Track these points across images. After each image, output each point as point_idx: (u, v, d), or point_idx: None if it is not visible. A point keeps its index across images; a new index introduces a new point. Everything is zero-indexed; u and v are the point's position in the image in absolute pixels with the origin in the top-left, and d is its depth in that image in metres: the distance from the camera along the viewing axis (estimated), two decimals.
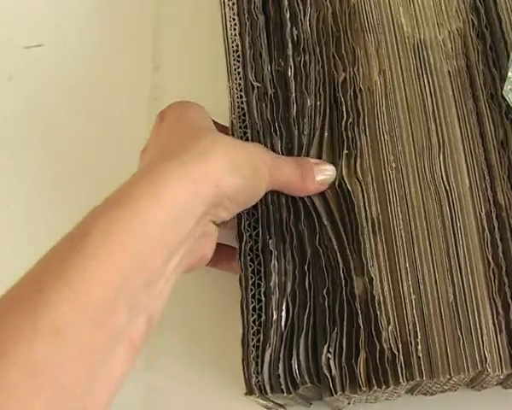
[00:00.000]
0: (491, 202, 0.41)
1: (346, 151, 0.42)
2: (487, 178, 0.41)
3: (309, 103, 0.43)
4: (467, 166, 0.41)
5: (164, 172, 0.33)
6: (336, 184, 0.41)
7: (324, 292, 0.39)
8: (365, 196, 0.41)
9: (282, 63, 0.44)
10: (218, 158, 0.35)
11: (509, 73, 0.42)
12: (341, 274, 0.39)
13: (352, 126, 0.42)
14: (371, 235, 0.40)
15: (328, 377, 0.38)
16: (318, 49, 0.44)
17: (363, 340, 0.38)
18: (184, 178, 0.33)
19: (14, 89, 0.52)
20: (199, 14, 0.46)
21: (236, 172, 0.36)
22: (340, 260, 0.40)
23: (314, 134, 0.42)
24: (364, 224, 0.40)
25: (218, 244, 0.41)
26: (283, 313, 0.39)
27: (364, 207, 0.41)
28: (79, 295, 0.29)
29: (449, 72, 0.44)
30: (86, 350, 0.29)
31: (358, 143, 0.42)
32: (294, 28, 0.44)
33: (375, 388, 0.38)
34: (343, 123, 0.42)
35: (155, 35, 0.51)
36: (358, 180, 0.41)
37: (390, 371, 0.38)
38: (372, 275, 0.39)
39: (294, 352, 0.38)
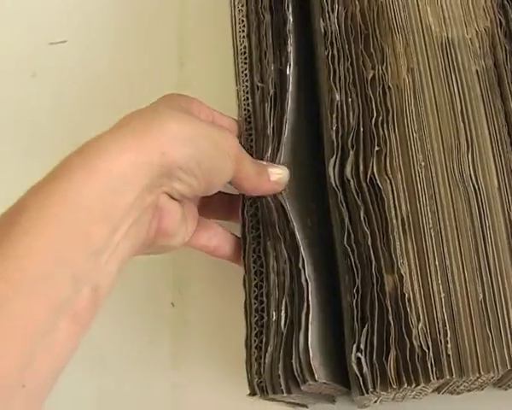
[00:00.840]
0: None
1: (377, 148, 0.42)
2: None
3: (338, 98, 0.43)
4: (495, 165, 0.41)
5: (100, 144, 0.33)
6: (367, 180, 0.41)
7: (354, 290, 0.39)
8: (395, 193, 0.41)
9: (284, 61, 0.44)
10: (166, 128, 0.35)
11: None
12: (373, 272, 0.39)
13: (381, 124, 0.42)
14: (401, 233, 0.40)
15: (359, 375, 0.38)
16: (347, 46, 0.44)
17: (393, 337, 0.38)
18: (122, 148, 0.33)
19: (38, 85, 0.52)
20: (224, 11, 0.46)
21: (188, 143, 0.36)
22: (372, 258, 0.40)
23: (348, 130, 0.42)
24: (394, 222, 0.40)
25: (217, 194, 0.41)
26: (282, 313, 0.40)
27: (394, 205, 0.41)
28: (13, 270, 0.29)
29: (477, 71, 0.44)
30: (22, 325, 0.29)
31: (388, 140, 0.42)
32: (321, 21, 0.45)
33: (405, 385, 0.38)
34: (373, 120, 0.42)
35: (180, 31, 0.51)
36: (388, 178, 0.41)
37: (420, 368, 0.38)
38: (402, 273, 0.39)
39: (295, 351, 0.38)
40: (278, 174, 0.41)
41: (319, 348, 0.39)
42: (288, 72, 0.44)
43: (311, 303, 0.39)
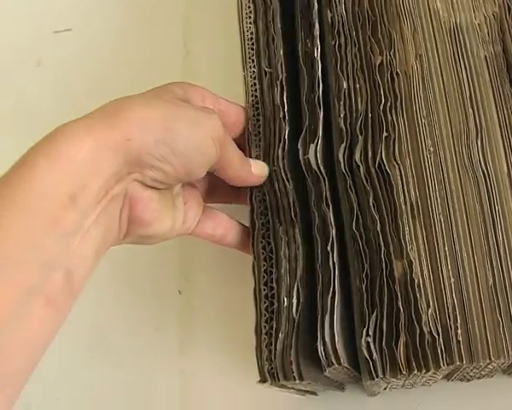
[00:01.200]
0: None
1: (385, 134, 0.41)
2: None
3: (345, 86, 0.43)
4: (505, 150, 0.41)
5: (67, 129, 0.33)
6: (376, 166, 0.41)
7: (363, 275, 0.39)
8: (404, 179, 0.41)
9: (309, 44, 0.44)
10: (133, 114, 0.34)
11: None
12: (382, 257, 0.39)
13: (390, 110, 0.42)
14: (410, 218, 0.40)
15: (369, 360, 0.38)
16: (354, 33, 0.44)
17: (402, 323, 0.38)
18: (86, 134, 0.33)
19: (43, 74, 0.52)
20: None
21: (158, 128, 0.35)
22: (381, 243, 0.39)
23: (356, 116, 0.42)
24: (403, 207, 0.40)
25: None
26: (294, 300, 0.39)
27: (403, 191, 0.40)
28: None
29: (485, 56, 0.43)
30: None
31: (396, 126, 0.42)
32: (328, 10, 0.44)
33: (416, 371, 0.37)
34: (381, 106, 0.42)
35: (186, 19, 0.51)
36: (397, 164, 0.41)
37: (430, 354, 0.37)
38: (411, 258, 0.39)
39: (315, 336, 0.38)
40: (261, 167, 0.42)
41: (341, 332, 0.39)
42: (315, 54, 0.44)
43: (337, 287, 0.39)
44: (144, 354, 0.39)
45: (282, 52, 0.44)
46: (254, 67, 0.44)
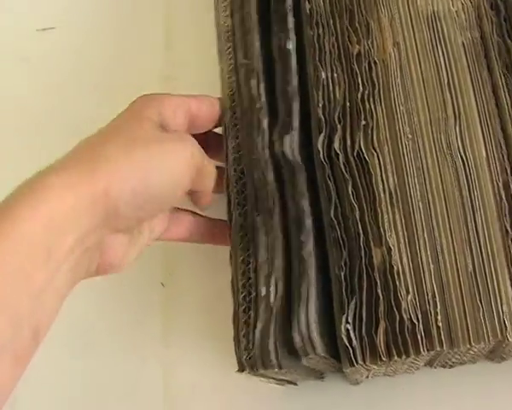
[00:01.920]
0: (509, 171, 0.41)
1: (363, 122, 0.42)
2: (504, 148, 0.41)
3: (323, 76, 0.43)
4: (483, 136, 0.41)
5: (46, 179, 0.32)
6: (355, 154, 0.41)
7: (342, 263, 0.39)
8: (382, 167, 0.41)
9: (283, 36, 0.44)
10: (111, 165, 0.34)
11: None
12: (361, 245, 0.39)
13: (368, 98, 0.42)
14: (389, 206, 0.40)
15: (349, 347, 0.38)
16: (332, 22, 0.44)
17: (382, 310, 0.38)
18: (66, 185, 0.32)
19: (27, 71, 0.52)
20: None
21: (135, 179, 0.35)
22: (360, 231, 0.40)
23: (335, 105, 0.42)
24: (382, 195, 0.40)
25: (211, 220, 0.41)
26: (272, 289, 0.39)
27: (382, 179, 0.40)
28: None
29: (463, 43, 0.43)
30: None
31: (375, 114, 0.42)
32: (307, 2, 0.44)
33: (396, 358, 0.37)
34: (359, 94, 0.42)
35: (167, 13, 0.51)
36: (376, 151, 0.41)
37: (410, 340, 0.37)
38: (390, 245, 0.39)
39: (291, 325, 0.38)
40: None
41: (318, 321, 0.39)
42: (289, 46, 0.44)
43: (312, 276, 0.39)
44: (127, 346, 0.40)
45: (258, 44, 0.44)
46: (231, 59, 0.45)
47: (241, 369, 0.38)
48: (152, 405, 0.43)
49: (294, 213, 0.41)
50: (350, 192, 0.40)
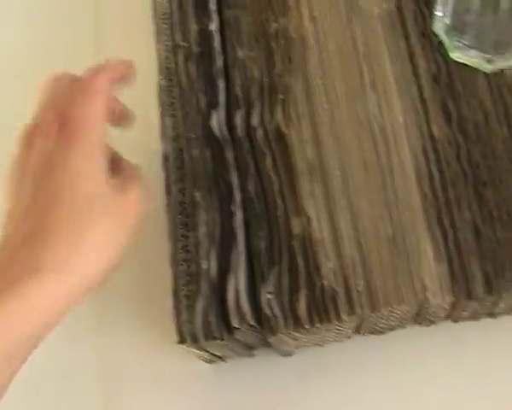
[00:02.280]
0: (426, 135, 0.41)
1: (281, 97, 0.42)
2: (421, 112, 0.41)
3: (241, 55, 0.43)
4: (400, 102, 0.42)
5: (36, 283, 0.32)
6: (273, 128, 0.42)
7: (262, 234, 0.40)
8: (300, 139, 0.41)
9: (206, 20, 0.44)
10: (88, 271, 0.33)
11: (436, 11, 0.43)
12: (279, 215, 0.40)
13: (285, 73, 0.43)
14: (308, 176, 0.40)
15: (271, 316, 0.38)
16: (250, 3, 0.45)
17: (303, 278, 0.38)
18: (44, 296, 0.32)
19: None
20: None
21: (100, 278, 0.34)
22: (278, 202, 0.40)
23: (252, 83, 0.43)
24: (300, 166, 0.41)
25: None
26: (212, 263, 0.40)
27: (300, 151, 0.41)
28: None
29: (379, 14, 0.44)
30: None
31: (292, 88, 0.42)
32: None
33: (318, 324, 0.38)
34: (276, 70, 0.43)
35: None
36: (293, 124, 0.41)
37: (331, 306, 0.38)
38: (310, 215, 0.40)
39: (227, 297, 0.39)
40: None
41: (249, 291, 0.39)
42: (212, 28, 0.44)
43: (242, 246, 0.40)
44: (59, 332, 0.40)
45: (195, 27, 0.45)
46: (168, 40, 0.45)
47: (182, 341, 0.38)
48: (85, 386, 0.44)
49: (225, 187, 0.41)
50: (268, 166, 0.41)
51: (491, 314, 0.42)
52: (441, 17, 0.42)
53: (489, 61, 0.42)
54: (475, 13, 0.40)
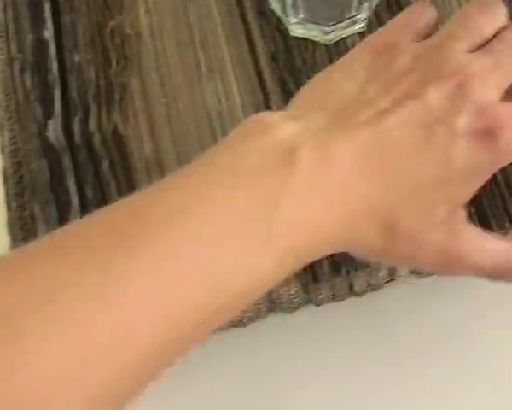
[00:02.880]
0: None
1: (118, 97, 0.41)
2: (259, 93, 0.40)
3: (77, 59, 0.42)
4: (238, 86, 0.41)
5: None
6: (111, 130, 0.41)
7: None
8: (137, 137, 0.40)
9: (41, 28, 0.44)
10: None
11: None
12: None
13: (121, 72, 0.42)
14: (145, 175, 0.39)
15: None
16: (85, 5, 0.44)
17: None
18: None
19: None
20: None
21: None
22: None
23: (89, 87, 0.42)
24: (138, 165, 0.40)
25: None
26: None
27: (138, 148, 0.40)
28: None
29: None
30: None
31: (129, 87, 0.41)
32: None
33: None
34: (112, 71, 0.42)
35: None
36: (130, 124, 0.41)
37: None
38: None
39: None
40: None
41: None
42: (47, 36, 0.44)
43: None
44: None
45: (30, 37, 0.44)
46: (3, 54, 0.44)
47: None
48: None
49: (63, 197, 0.40)
50: (105, 169, 0.40)
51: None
52: None
53: (327, 32, 0.41)
54: None
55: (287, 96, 0.40)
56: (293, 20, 0.41)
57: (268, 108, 0.40)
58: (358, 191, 0.28)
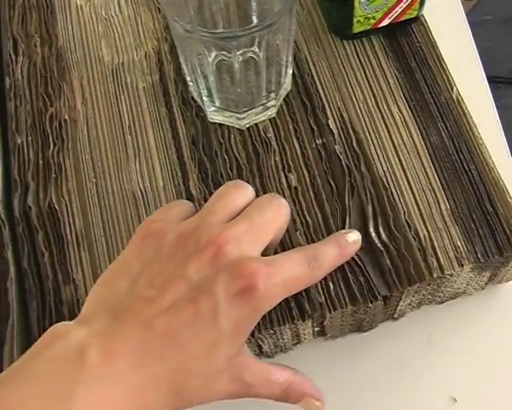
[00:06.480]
0: (184, 195, 0.44)
1: (54, 175, 0.46)
2: (179, 174, 0.45)
3: (19, 141, 0.47)
4: (160, 167, 0.45)
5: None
6: (46, 205, 0.45)
7: (34, 305, 0.43)
8: (69, 212, 0.45)
9: None
10: None
11: (187, 80, 0.47)
12: (50, 286, 0.43)
13: (58, 153, 0.47)
14: (76, 246, 0.44)
15: None
16: (28, 92, 0.49)
17: None
18: None
19: None
20: None
21: None
22: (49, 273, 0.43)
23: (29, 166, 0.47)
24: (69, 237, 0.44)
25: None
26: None
27: (69, 222, 0.44)
28: None
29: (144, 87, 0.48)
30: None
31: (64, 166, 0.46)
32: (7, 78, 0.49)
33: None
34: (50, 152, 0.47)
35: None
36: (64, 200, 0.45)
37: None
38: (77, 282, 0.43)
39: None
40: None
41: None
42: None
43: (15, 319, 0.43)
44: None
45: None
46: None
47: None
48: None
49: (1, 266, 0.45)
50: (40, 240, 0.44)
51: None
52: (192, 85, 0.46)
53: (240, 118, 0.46)
54: (212, 80, 0.44)
55: (203, 176, 0.45)
56: (210, 108, 0.46)
57: (186, 186, 0.45)
58: (142, 371, 0.33)
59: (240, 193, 0.38)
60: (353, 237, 0.40)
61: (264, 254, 0.38)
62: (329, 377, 0.44)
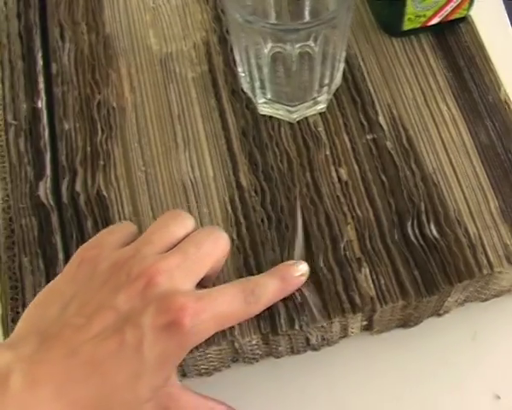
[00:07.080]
0: (234, 185, 0.44)
1: (102, 162, 0.46)
2: (230, 164, 0.45)
3: (67, 127, 0.47)
4: (210, 158, 0.45)
5: None
6: (95, 192, 0.45)
7: None
8: (118, 200, 0.45)
9: (35, 98, 0.49)
10: None
11: (239, 71, 0.47)
12: None
13: (106, 141, 0.46)
14: None
15: None
16: (75, 79, 0.49)
17: None
18: None
19: None
20: None
21: None
22: None
23: (77, 153, 0.46)
24: None
25: None
26: None
27: (118, 210, 0.44)
28: None
29: (193, 77, 0.48)
30: None
31: (112, 154, 0.46)
32: (54, 64, 0.49)
33: None
34: (98, 139, 0.47)
35: None
36: (113, 187, 0.45)
37: None
38: None
39: None
40: None
41: None
42: (40, 105, 0.48)
43: None
44: None
45: (24, 105, 0.49)
46: (0, 120, 0.49)
47: None
48: None
49: (50, 251, 0.44)
50: (89, 227, 0.44)
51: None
52: (244, 76, 0.46)
53: (291, 111, 0.46)
54: (267, 72, 0.44)
55: (253, 167, 0.45)
56: (261, 100, 0.46)
57: (236, 177, 0.45)
58: (64, 399, 0.33)
59: (179, 224, 0.38)
60: (300, 270, 0.40)
61: (203, 285, 0.38)
62: (374, 371, 0.45)
